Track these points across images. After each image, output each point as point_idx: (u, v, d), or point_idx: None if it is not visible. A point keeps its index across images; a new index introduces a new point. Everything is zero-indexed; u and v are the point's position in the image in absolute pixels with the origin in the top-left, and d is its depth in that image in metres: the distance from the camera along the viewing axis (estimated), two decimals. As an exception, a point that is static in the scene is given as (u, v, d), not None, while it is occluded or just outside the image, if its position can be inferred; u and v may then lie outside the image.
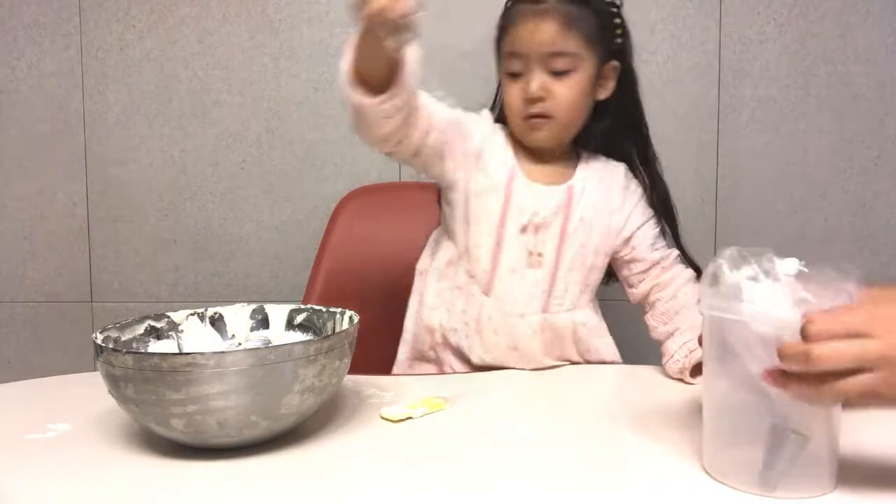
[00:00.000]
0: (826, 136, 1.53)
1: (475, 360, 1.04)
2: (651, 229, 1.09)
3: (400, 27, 0.77)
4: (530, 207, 1.03)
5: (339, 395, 0.89)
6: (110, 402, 0.75)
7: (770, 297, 0.59)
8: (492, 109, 1.12)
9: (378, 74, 0.87)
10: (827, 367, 0.55)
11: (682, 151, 1.54)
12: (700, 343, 0.73)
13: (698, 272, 1.07)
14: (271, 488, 0.66)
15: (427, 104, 0.98)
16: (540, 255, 1.03)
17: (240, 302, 0.94)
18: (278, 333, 0.91)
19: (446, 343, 1.06)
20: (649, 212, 1.10)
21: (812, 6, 1.52)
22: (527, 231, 1.03)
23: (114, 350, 0.71)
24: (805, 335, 0.56)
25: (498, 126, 1.09)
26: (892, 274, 1.58)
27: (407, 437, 0.79)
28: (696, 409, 0.69)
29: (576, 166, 1.08)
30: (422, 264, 1.11)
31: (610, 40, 1.04)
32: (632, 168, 1.12)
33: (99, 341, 0.74)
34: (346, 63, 0.87)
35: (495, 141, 1.07)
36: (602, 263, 1.09)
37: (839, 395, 0.57)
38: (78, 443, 0.77)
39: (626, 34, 1.06)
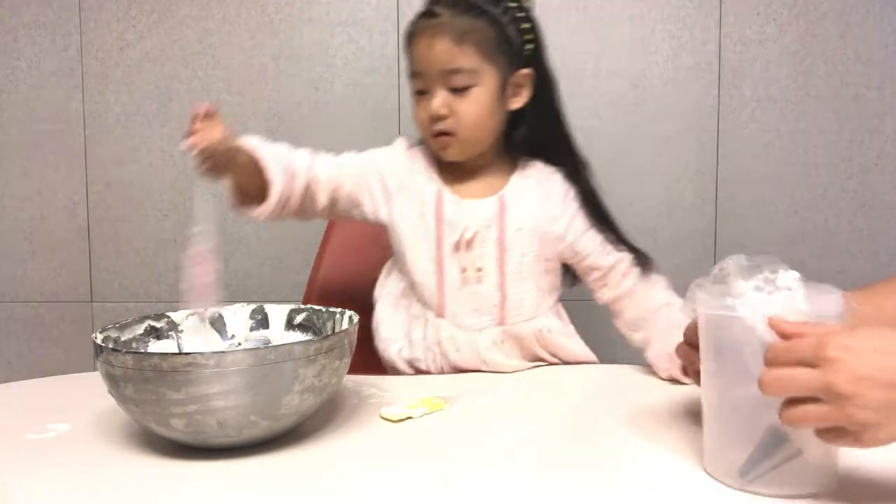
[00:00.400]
0: (826, 136, 1.53)
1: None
2: (596, 234, 1.06)
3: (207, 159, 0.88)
4: (461, 224, 1.01)
5: (339, 395, 0.89)
6: (110, 402, 0.75)
7: (766, 298, 0.60)
8: None
9: (253, 187, 0.96)
10: (775, 394, 0.56)
11: (682, 151, 1.55)
12: (677, 350, 0.77)
13: (646, 263, 1.07)
14: (271, 488, 0.66)
15: (325, 167, 1.02)
16: (478, 269, 1.01)
17: (239, 302, 0.94)
18: (278, 333, 0.91)
19: (413, 368, 1.05)
20: (587, 220, 1.07)
21: (812, 6, 1.52)
22: (459, 248, 1.01)
23: (113, 350, 0.71)
24: (765, 359, 0.57)
25: (417, 149, 1.08)
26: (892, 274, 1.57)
27: (406, 437, 0.79)
28: (698, 409, 0.69)
29: (510, 175, 1.06)
30: (376, 292, 1.10)
31: (517, 48, 1.01)
32: (572, 173, 1.08)
33: (99, 341, 0.74)
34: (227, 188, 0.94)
35: (415, 167, 1.06)
36: (554, 268, 1.07)
37: (802, 421, 0.56)
38: (78, 443, 0.77)
39: (537, 39, 1.03)
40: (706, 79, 1.53)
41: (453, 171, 1.06)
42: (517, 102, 1.04)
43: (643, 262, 1.07)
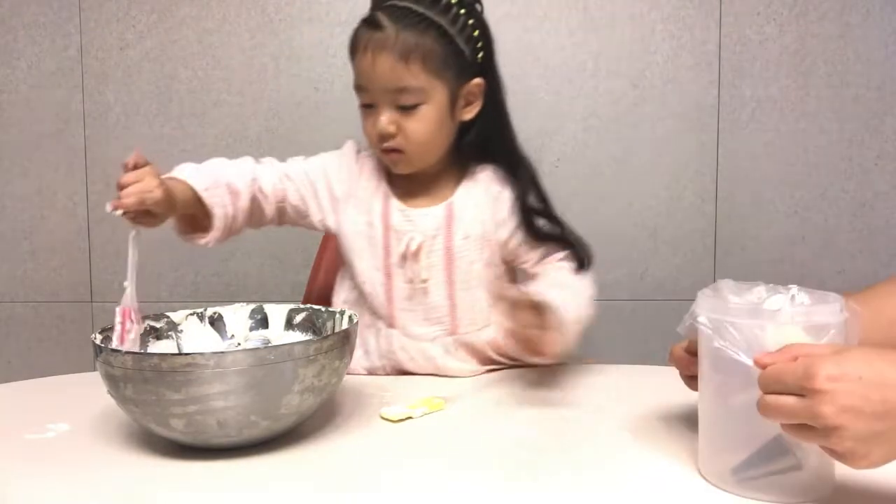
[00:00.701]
0: (826, 136, 1.53)
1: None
2: (519, 235, 1.03)
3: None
4: (407, 234, 0.99)
5: (338, 394, 0.89)
6: (110, 402, 0.75)
7: (761, 304, 0.62)
8: None
9: (198, 215, 0.96)
10: (770, 419, 0.57)
11: (682, 151, 1.55)
12: (671, 355, 0.76)
13: (582, 260, 1.02)
14: (271, 488, 0.66)
15: (270, 179, 1.00)
16: (424, 281, 0.99)
17: (239, 302, 0.94)
18: (277, 333, 0.91)
19: (373, 376, 1.03)
20: (514, 217, 1.02)
21: (812, 6, 1.52)
22: (406, 259, 0.99)
23: (113, 350, 0.71)
24: (759, 384, 0.57)
25: (366, 154, 1.06)
26: (892, 274, 1.57)
27: (406, 436, 0.79)
28: (694, 412, 0.69)
29: (460, 182, 1.03)
30: (333, 300, 1.09)
31: (468, 60, 0.96)
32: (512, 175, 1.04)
33: (98, 342, 0.74)
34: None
35: (363, 173, 1.04)
36: (502, 273, 1.05)
37: (802, 440, 0.57)
38: (78, 443, 0.77)
39: (487, 45, 0.99)
40: (706, 79, 1.53)
41: (402, 178, 1.02)
42: (469, 113, 1.00)
43: (580, 258, 1.02)
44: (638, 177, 1.57)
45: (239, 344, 0.90)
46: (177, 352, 0.82)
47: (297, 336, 0.89)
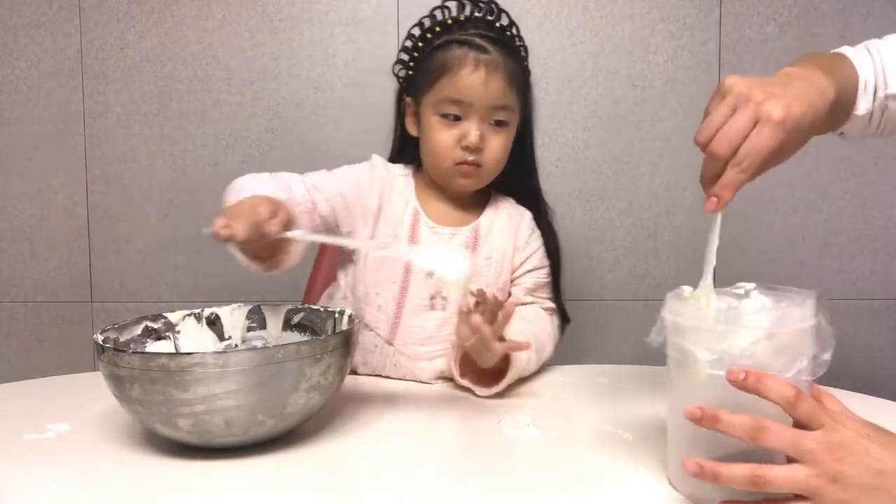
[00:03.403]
0: (826, 135, 1.53)
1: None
2: (538, 278, 1.08)
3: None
4: None
5: (339, 394, 0.89)
6: (110, 402, 0.75)
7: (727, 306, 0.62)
8: (398, 148, 1.10)
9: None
10: (772, 491, 0.56)
11: (681, 151, 1.55)
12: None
13: (559, 321, 1.09)
14: (272, 488, 0.66)
15: (298, 191, 0.98)
16: (444, 298, 1.01)
17: (237, 302, 0.94)
18: (276, 334, 0.91)
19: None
20: (545, 262, 1.09)
21: (812, 6, 1.52)
22: (432, 276, 0.99)
23: (119, 350, 0.71)
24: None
25: (395, 169, 1.07)
26: (893, 274, 1.58)
27: (407, 436, 0.79)
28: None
29: (484, 205, 1.07)
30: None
31: (529, 94, 1.06)
32: (539, 219, 1.10)
33: (101, 341, 0.74)
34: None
35: (394, 188, 1.05)
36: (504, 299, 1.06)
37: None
38: (78, 443, 0.77)
39: (530, 86, 1.07)
40: (706, 79, 1.53)
41: (431, 196, 1.05)
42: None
43: (559, 319, 1.09)
44: (638, 177, 1.57)
45: (236, 345, 0.90)
46: (183, 352, 0.82)
47: (296, 336, 0.89)
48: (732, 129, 0.65)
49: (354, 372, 1.03)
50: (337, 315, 0.88)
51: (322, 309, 0.90)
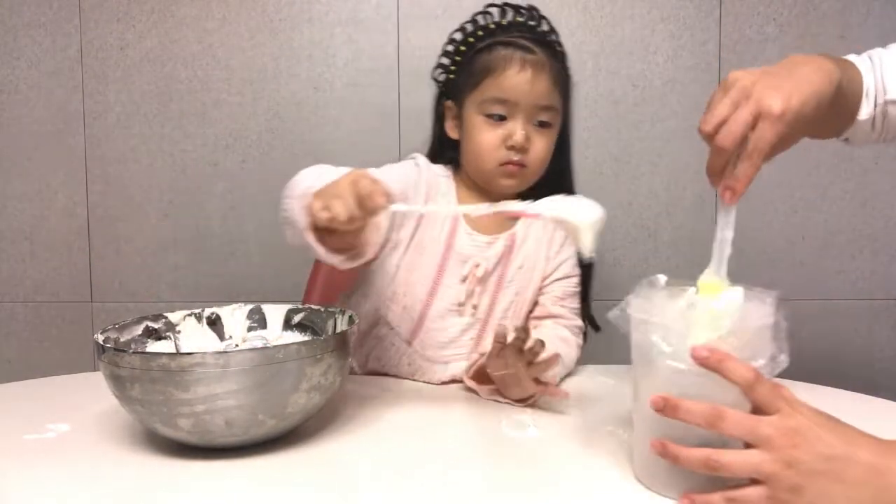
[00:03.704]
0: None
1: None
2: (567, 286, 1.06)
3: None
4: (473, 259, 1.00)
5: (339, 394, 0.89)
6: (110, 402, 0.75)
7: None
8: (436, 150, 1.08)
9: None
10: (727, 474, 0.58)
11: (681, 151, 1.55)
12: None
13: (582, 335, 1.06)
14: (272, 488, 0.66)
15: None
16: (475, 306, 1.01)
17: (238, 302, 0.94)
18: (276, 333, 0.91)
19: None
20: (576, 271, 1.08)
21: (812, 6, 1.52)
22: (466, 281, 1.00)
23: (120, 350, 0.71)
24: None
25: (438, 169, 1.06)
26: (893, 274, 1.58)
27: (408, 436, 0.79)
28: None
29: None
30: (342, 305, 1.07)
31: (570, 98, 1.07)
32: None
33: (101, 341, 0.74)
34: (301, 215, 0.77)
35: (439, 188, 1.04)
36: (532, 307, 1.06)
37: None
38: (78, 443, 0.77)
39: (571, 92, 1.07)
40: (706, 79, 1.53)
41: (471, 200, 1.03)
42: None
43: (581, 332, 1.06)
44: (638, 177, 1.57)
45: (237, 345, 0.90)
46: (184, 351, 0.82)
47: (296, 336, 0.90)
48: (736, 123, 0.67)
49: (354, 372, 1.03)
50: (337, 315, 0.88)
51: (322, 309, 0.90)
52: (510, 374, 0.85)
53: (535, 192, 1.06)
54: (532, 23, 1.02)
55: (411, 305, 1.00)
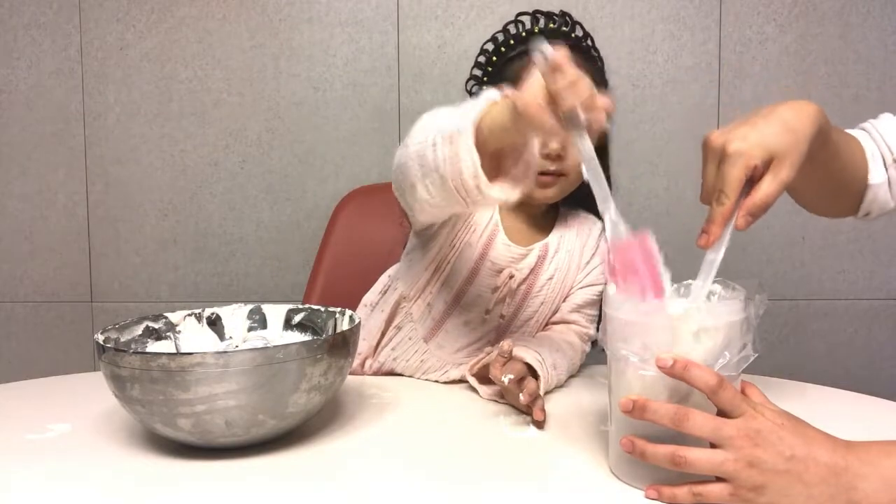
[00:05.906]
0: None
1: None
2: (589, 294, 1.04)
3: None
4: (507, 270, 0.99)
5: (340, 394, 0.89)
6: (110, 402, 0.75)
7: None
8: None
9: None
10: (692, 471, 0.60)
11: (682, 151, 1.55)
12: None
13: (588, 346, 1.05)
14: (272, 488, 0.66)
15: None
16: (502, 317, 1.00)
17: (238, 302, 0.94)
18: (276, 333, 0.91)
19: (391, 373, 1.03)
20: (600, 279, 1.05)
21: (812, 6, 1.52)
22: (498, 291, 0.99)
23: (120, 350, 0.71)
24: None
25: None
26: (893, 274, 1.58)
27: (409, 436, 0.79)
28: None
29: (553, 221, 1.05)
30: (369, 298, 1.07)
31: None
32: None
33: (101, 341, 0.74)
34: (469, 152, 0.71)
35: None
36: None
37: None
38: (78, 443, 0.77)
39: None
40: (706, 79, 1.53)
41: (510, 213, 1.02)
42: None
43: (590, 340, 1.05)
44: (638, 177, 1.57)
45: (237, 345, 0.90)
46: (184, 351, 0.82)
47: (296, 336, 0.89)
48: (707, 182, 0.75)
49: (354, 372, 1.03)
50: (338, 315, 0.88)
51: (322, 309, 0.90)
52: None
53: (572, 196, 1.05)
54: (565, 28, 1.01)
55: (439, 306, 1.00)
